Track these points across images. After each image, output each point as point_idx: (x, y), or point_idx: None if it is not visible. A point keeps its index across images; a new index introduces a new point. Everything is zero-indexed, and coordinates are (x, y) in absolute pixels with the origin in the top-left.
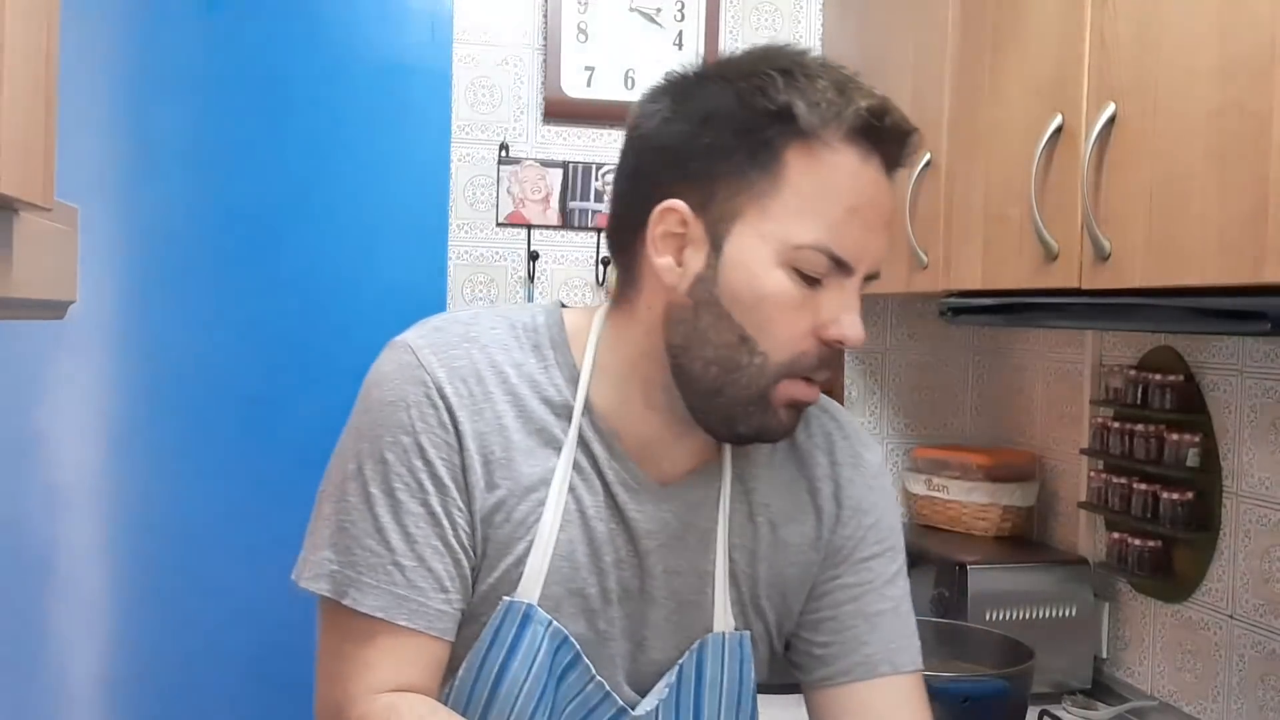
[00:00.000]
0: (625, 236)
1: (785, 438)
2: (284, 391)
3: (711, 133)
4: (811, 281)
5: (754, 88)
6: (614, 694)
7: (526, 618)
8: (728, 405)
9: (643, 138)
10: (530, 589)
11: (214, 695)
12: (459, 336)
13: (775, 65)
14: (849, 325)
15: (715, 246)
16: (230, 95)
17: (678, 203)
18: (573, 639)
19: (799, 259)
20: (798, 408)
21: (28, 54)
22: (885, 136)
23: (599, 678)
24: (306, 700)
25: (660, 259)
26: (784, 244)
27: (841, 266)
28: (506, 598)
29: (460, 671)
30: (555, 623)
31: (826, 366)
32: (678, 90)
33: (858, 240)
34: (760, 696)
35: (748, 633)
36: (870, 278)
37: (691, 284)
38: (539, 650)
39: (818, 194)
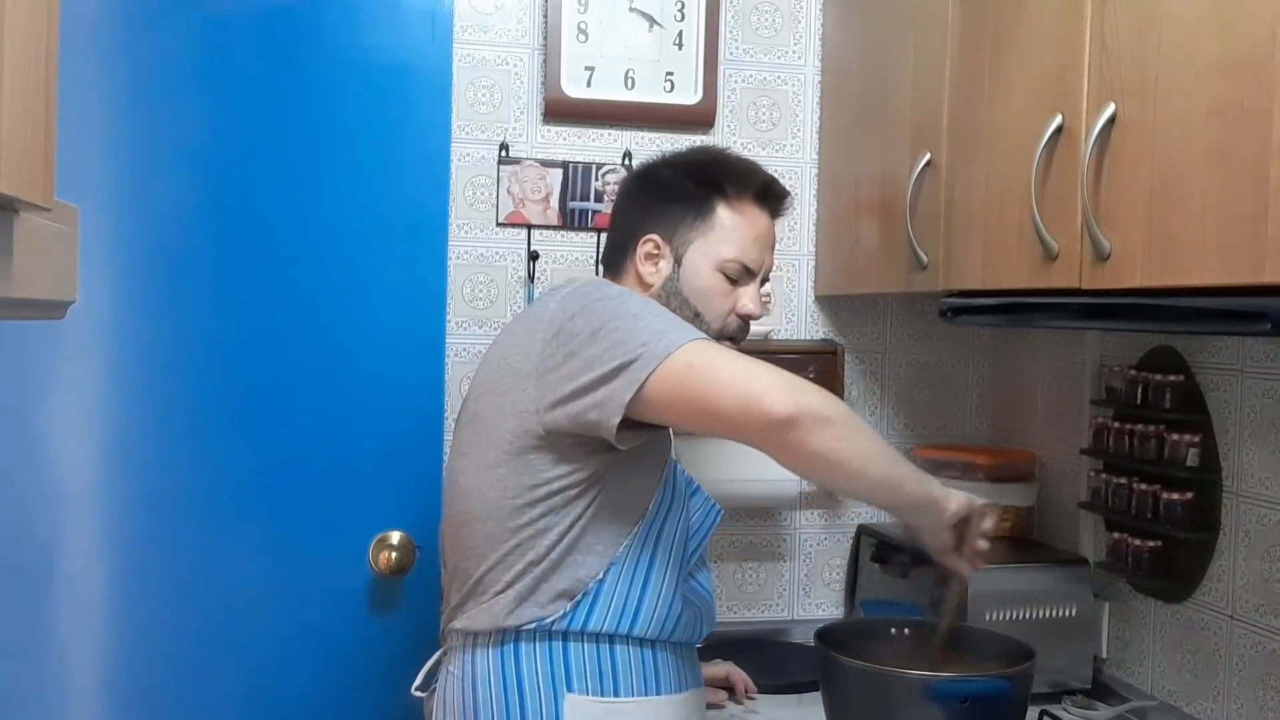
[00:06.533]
0: (619, 254)
1: None
2: (284, 390)
3: (678, 198)
4: (732, 281)
5: (697, 171)
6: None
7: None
8: None
9: (638, 196)
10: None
11: (215, 695)
12: None
13: (708, 157)
14: (752, 306)
15: (678, 260)
16: (230, 95)
17: (655, 236)
18: None
19: (725, 267)
20: None
21: (28, 54)
22: (772, 197)
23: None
24: (306, 698)
25: (644, 267)
26: (717, 258)
27: (749, 272)
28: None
29: (650, 506)
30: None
31: (742, 334)
32: (661, 168)
33: (756, 257)
34: (761, 696)
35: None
36: (764, 280)
37: (663, 282)
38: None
39: (736, 230)
